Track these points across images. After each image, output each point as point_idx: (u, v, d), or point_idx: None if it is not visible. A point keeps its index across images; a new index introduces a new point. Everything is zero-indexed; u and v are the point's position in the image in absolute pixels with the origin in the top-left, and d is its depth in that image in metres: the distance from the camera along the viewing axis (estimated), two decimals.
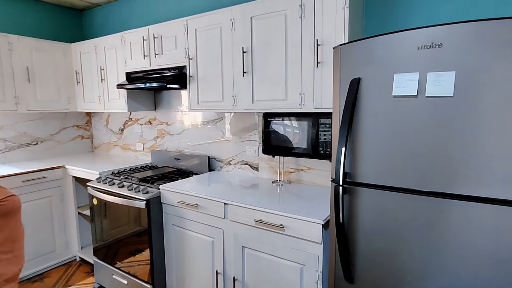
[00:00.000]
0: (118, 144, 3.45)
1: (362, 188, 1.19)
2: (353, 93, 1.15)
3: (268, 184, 2.24)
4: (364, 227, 1.21)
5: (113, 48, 2.82)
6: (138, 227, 2.26)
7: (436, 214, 1.07)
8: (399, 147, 1.11)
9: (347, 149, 1.20)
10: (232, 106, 2.13)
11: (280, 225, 1.66)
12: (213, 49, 2.17)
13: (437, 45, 1.00)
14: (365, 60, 1.14)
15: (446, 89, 0.99)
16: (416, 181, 1.09)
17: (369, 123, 1.16)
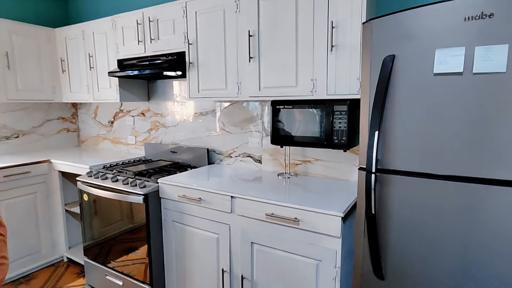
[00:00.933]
0: (107, 138, 3.25)
1: (395, 175, 1.10)
2: (386, 72, 1.05)
3: (273, 177, 2.12)
4: (396, 218, 1.11)
5: (103, 33, 2.62)
6: (132, 224, 2.10)
7: (478, 201, 0.99)
8: (437, 130, 1.02)
9: (380, 132, 1.10)
10: (236, 94, 2.00)
11: (295, 219, 1.55)
12: (215, 33, 2.03)
13: (488, 15, 0.91)
14: (400, 36, 1.04)
15: (498, 65, 0.90)
16: (455, 167, 1.00)
17: (403, 105, 1.06)
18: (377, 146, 1.07)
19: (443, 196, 1.03)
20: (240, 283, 1.79)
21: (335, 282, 1.48)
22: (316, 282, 1.54)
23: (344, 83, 1.63)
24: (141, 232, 2.07)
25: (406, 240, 1.11)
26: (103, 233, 2.30)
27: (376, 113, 1.06)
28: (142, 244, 2.09)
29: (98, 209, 2.28)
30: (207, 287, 1.93)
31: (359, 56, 1.57)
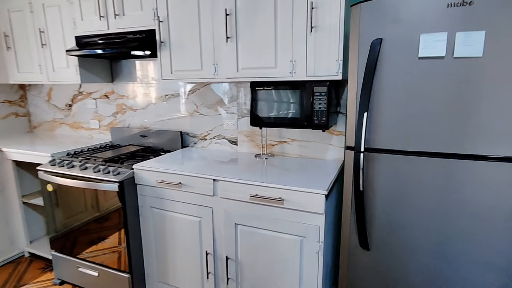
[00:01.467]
0: (65, 122, 3.01)
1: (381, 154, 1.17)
2: (374, 55, 1.10)
3: (251, 158, 2.14)
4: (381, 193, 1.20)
5: (55, 6, 2.36)
6: (99, 212, 2.01)
7: (455, 175, 1.10)
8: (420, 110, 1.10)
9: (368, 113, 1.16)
10: (213, 75, 1.95)
11: (279, 199, 1.60)
12: (188, 11, 1.93)
13: (468, 2, 0.98)
14: (388, 19, 1.08)
15: (475, 50, 0.99)
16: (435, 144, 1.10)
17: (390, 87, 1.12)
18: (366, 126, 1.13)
19: (424, 171, 1.13)
20: (224, 264, 1.82)
21: (319, 256, 1.58)
22: (300, 257, 1.62)
23: (323, 64, 1.67)
24: (111, 220, 1.99)
25: (390, 213, 1.21)
26: (71, 224, 2.17)
27: (364, 95, 1.11)
28: (112, 232, 2.02)
29: (64, 199, 2.14)
30: (190, 270, 1.94)
31: (338, 38, 1.61)
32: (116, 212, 1.96)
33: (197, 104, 2.40)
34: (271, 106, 1.84)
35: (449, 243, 1.13)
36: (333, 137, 2.03)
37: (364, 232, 1.25)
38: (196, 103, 2.40)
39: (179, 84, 2.43)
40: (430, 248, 1.16)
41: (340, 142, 2.02)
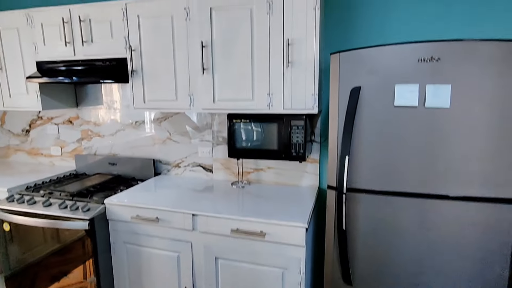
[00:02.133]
0: (22, 149, 2.78)
1: (361, 194, 1.23)
2: (354, 102, 1.16)
3: (227, 186, 2.14)
4: (362, 231, 1.26)
5: (14, 29, 2.21)
6: (63, 243, 1.88)
7: (427, 213, 1.19)
8: (397, 154, 1.18)
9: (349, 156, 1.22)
10: (188, 106, 1.93)
11: (261, 232, 1.61)
12: (163, 41, 1.90)
13: (436, 59, 1.08)
14: (365, 69, 1.16)
15: (443, 101, 1.09)
16: (411, 184, 1.18)
17: (368, 131, 1.19)
18: (347, 169, 1.18)
19: (401, 210, 1.21)
20: None
21: (300, 287, 1.60)
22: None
23: (300, 98, 1.73)
24: (75, 251, 1.87)
25: (371, 249, 1.27)
26: (28, 260, 2.00)
27: (346, 139, 1.17)
28: (76, 265, 1.89)
29: (22, 236, 1.97)
30: None
31: (313, 73, 1.68)
32: (79, 242, 1.83)
33: (170, 131, 2.35)
34: (248, 137, 1.86)
35: (424, 278, 1.22)
36: (308, 164, 2.09)
37: (347, 268, 1.30)
38: (169, 130, 2.35)
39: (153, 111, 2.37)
40: (408, 282, 1.23)
41: (314, 169, 2.08)
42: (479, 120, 1.10)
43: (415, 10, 1.79)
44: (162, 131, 2.37)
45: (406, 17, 1.81)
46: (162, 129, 2.36)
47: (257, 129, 1.84)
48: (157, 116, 2.36)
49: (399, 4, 1.81)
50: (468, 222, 1.16)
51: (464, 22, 1.72)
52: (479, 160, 1.12)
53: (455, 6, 1.73)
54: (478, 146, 1.11)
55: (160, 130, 2.37)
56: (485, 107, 1.09)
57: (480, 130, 1.10)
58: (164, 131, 2.36)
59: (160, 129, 2.37)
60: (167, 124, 2.35)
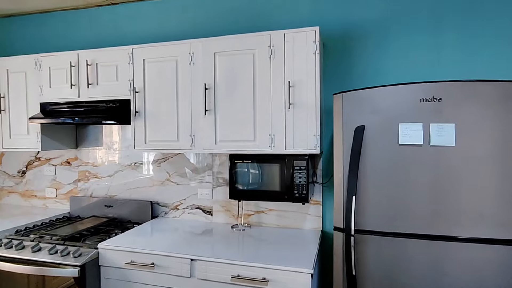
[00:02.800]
0: (15, 191, 2.71)
1: (370, 235, 1.18)
2: (359, 140, 1.16)
3: (227, 229, 2.05)
4: (373, 276, 1.18)
5: (21, 72, 2.27)
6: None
7: (443, 258, 1.13)
8: (404, 193, 1.15)
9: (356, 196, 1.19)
10: (190, 147, 1.93)
11: (263, 279, 1.51)
12: (166, 83, 1.96)
13: (437, 99, 1.10)
14: (368, 109, 1.18)
15: (448, 139, 1.09)
16: (421, 225, 1.14)
17: (374, 170, 1.18)
18: (355, 209, 1.14)
19: (412, 253, 1.15)
20: None
21: None
22: None
23: (302, 139, 1.73)
24: None
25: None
26: None
27: (352, 178, 1.15)
28: None
29: (5, 284, 1.83)
30: None
31: (315, 114, 1.70)
32: None
33: (169, 172, 2.32)
34: (250, 178, 1.83)
35: None
36: (310, 206, 2.03)
37: None
38: (168, 171, 2.32)
39: (151, 152, 2.36)
40: None
41: (317, 211, 2.02)
42: (485, 158, 1.09)
43: (407, 54, 1.88)
44: (161, 172, 2.33)
45: (399, 60, 1.89)
46: (162, 170, 2.33)
47: (259, 170, 1.82)
48: (157, 157, 2.34)
49: (390, 49, 1.90)
50: (484, 265, 1.09)
51: (456, 63, 1.80)
52: (488, 199, 1.09)
53: (445, 48, 1.82)
54: (486, 184, 1.09)
55: (159, 172, 2.34)
56: (489, 146, 1.09)
57: (487, 168, 1.09)
58: (163, 172, 2.33)
59: (159, 170, 2.34)
60: (166, 165, 2.32)
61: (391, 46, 1.91)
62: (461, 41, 1.80)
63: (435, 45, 1.84)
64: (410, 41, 1.88)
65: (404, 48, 1.89)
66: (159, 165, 2.34)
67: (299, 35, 1.73)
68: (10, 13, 2.64)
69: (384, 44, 1.92)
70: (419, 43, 1.86)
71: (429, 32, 1.85)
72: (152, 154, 2.35)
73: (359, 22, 1.96)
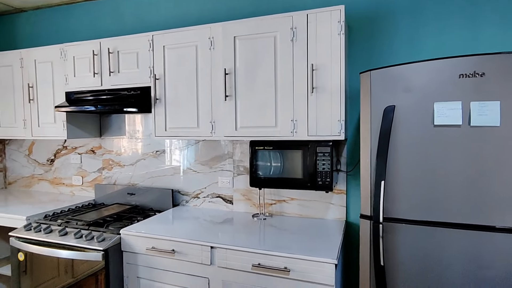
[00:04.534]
0: (45, 178, 2.81)
1: (400, 224, 1.10)
2: (389, 122, 1.07)
3: (247, 218, 2.02)
4: (403, 267, 1.10)
5: (48, 62, 2.32)
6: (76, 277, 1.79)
7: (478, 247, 1.03)
8: (439, 179, 1.06)
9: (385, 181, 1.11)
10: (210, 134, 1.90)
11: (285, 268, 1.46)
12: (186, 69, 1.93)
13: (480, 74, 1.00)
14: (399, 88, 1.08)
15: (492, 119, 0.98)
16: (459, 214, 1.04)
17: (405, 153, 1.09)
18: (383, 195, 1.06)
19: (447, 243, 1.05)
20: None
21: None
22: None
23: (325, 124, 1.65)
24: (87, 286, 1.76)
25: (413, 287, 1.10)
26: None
27: (381, 162, 1.07)
28: None
29: (36, 266, 1.90)
30: None
31: (339, 99, 1.62)
32: (93, 277, 1.73)
33: (190, 161, 2.31)
34: (271, 166, 1.77)
35: None
36: (333, 195, 1.95)
37: None
38: (189, 160, 2.31)
39: (172, 140, 2.36)
40: None
41: (341, 201, 1.94)
42: None
43: (443, 30, 1.73)
44: (182, 161, 2.33)
45: (433, 38, 1.75)
46: (182, 159, 2.32)
47: (280, 157, 1.76)
48: (178, 145, 2.33)
49: (423, 26, 1.77)
50: None
51: (496, 37, 1.64)
52: None
53: (484, 23, 1.66)
54: None
55: (180, 160, 2.33)
56: None
57: None
58: (184, 160, 2.32)
59: (180, 159, 2.33)
60: (187, 153, 2.31)
61: (423, 23, 1.77)
62: (502, 15, 1.64)
63: (473, 20, 1.69)
64: (446, 16, 1.73)
65: (440, 25, 1.75)
66: (180, 153, 2.33)
67: (323, 15, 1.64)
68: (38, 6, 2.71)
69: (416, 20, 1.78)
70: (455, 18, 1.72)
71: (467, 8, 1.69)
72: (173, 142, 2.35)
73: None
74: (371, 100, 1.14)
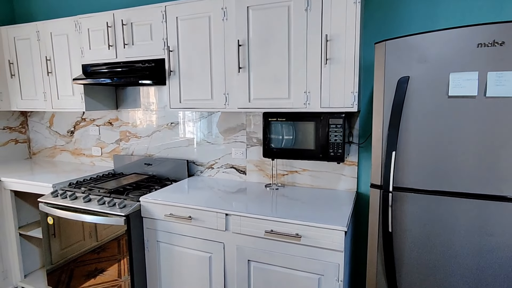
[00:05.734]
0: (66, 149, 2.93)
1: (409, 193, 1.13)
2: (402, 92, 1.07)
3: (260, 188, 2.08)
4: (411, 234, 1.15)
5: (63, 35, 2.35)
6: (100, 241, 1.92)
7: (487, 217, 1.05)
8: (451, 149, 1.07)
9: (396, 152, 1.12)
10: (223, 105, 1.92)
11: (296, 235, 1.53)
12: (199, 41, 1.93)
13: (499, 43, 0.97)
14: (415, 58, 1.07)
15: (509, 89, 0.97)
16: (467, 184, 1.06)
17: (418, 124, 1.09)
18: (394, 165, 1.09)
19: (455, 212, 1.08)
20: None
21: None
22: None
23: (338, 96, 1.65)
24: (110, 249, 1.90)
25: (421, 255, 1.15)
26: (67, 255, 2.06)
27: (392, 133, 1.08)
28: (112, 264, 1.91)
29: (63, 230, 2.04)
30: None
31: (353, 70, 1.60)
32: (115, 241, 1.86)
33: (204, 132, 2.36)
34: (284, 137, 1.80)
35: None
36: (345, 167, 1.99)
37: (393, 275, 1.19)
38: (203, 131, 2.36)
39: (186, 112, 2.40)
40: None
41: (352, 172, 1.97)
42: None
43: None
44: (196, 132, 2.38)
45: (452, 4, 1.68)
46: (197, 130, 2.38)
47: (293, 128, 1.79)
48: (192, 117, 2.38)
49: None
50: None
51: None
52: None
53: None
54: None
55: (194, 131, 2.39)
56: None
57: None
58: (198, 132, 2.37)
59: (195, 130, 2.38)
60: (201, 125, 2.36)
61: None
62: None
63: None
64: None
65: None
66: (194, 125, 2.38)
67: None
68: None
69: None
70: None
71: None
72: (186, 115, 2.40)
73: None
74: (385, 71, 1.14)
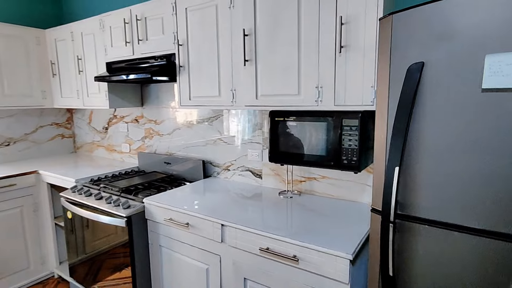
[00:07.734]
0: (102, 145, 3.06)
1: (420, 225, 0.82)
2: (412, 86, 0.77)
3: (274, 195, 1.86)
4: (422, 283, 0.83)
5: (91, 34, 2.41)
6: (110, 244, 1.90)
7: None
8: (481, 168, 0.73)
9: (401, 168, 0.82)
10: (231, 103, 1.75)
11: (293, 257, 1.29)
12: (207, 33, 1.77)
13: None
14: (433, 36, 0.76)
15: None
16: (501, 220, 0.71)
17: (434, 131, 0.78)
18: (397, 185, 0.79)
19: (485, 257, 0.74)
20: None
21: None
22: None
23: (355, 91, 1.35)
24: (116, 252, 1.87)
25: None
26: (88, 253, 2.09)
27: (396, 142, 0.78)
28: (126, 262, 1.87)
29: (82, 227, 2.08)
30: None
31: (374, 59, 1.29)
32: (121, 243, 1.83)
33: (220, 131, 2.21)
34: (293, 140, 1.56)
35: None
36: (370, 176, 1.66)
37: None
38: (220, 130, 2.22)
39: (205, 109, 2.28)
40: None
41: None
42: None
43: None
44: (213, 131, 2.25)
45: None
46: (213, 129, 2.24)
47: (302, 130, 1.53)
48: (209, 115, 2.25)
49: None
50: None
51: None
52: None
53: None
54: None
55: (211, 130, 2.26)
56: None
57: None
58: (215, 131, 2.24)
59: (212, 129, 2.25)
60: (218, 123, 2.22)
61: None
62: None
63: None
64: None
65: None
66: (211, 123, 2.25)
67: None
68: None
69: None
70: None
71: None
72: (204, 112, 2.27)
73: None
74: (391, 56, 0.83)
